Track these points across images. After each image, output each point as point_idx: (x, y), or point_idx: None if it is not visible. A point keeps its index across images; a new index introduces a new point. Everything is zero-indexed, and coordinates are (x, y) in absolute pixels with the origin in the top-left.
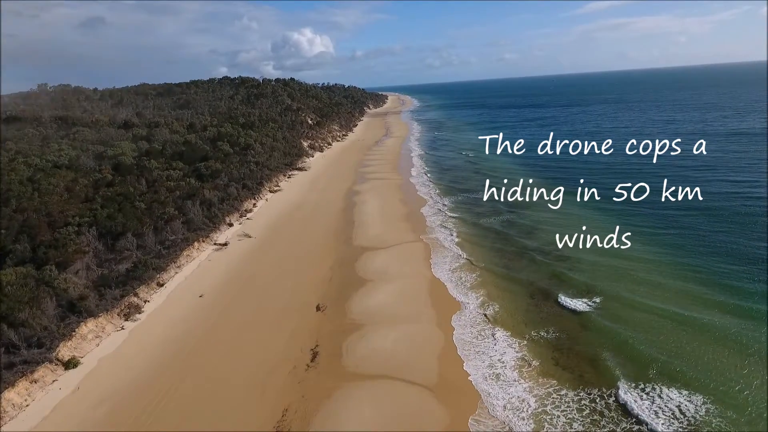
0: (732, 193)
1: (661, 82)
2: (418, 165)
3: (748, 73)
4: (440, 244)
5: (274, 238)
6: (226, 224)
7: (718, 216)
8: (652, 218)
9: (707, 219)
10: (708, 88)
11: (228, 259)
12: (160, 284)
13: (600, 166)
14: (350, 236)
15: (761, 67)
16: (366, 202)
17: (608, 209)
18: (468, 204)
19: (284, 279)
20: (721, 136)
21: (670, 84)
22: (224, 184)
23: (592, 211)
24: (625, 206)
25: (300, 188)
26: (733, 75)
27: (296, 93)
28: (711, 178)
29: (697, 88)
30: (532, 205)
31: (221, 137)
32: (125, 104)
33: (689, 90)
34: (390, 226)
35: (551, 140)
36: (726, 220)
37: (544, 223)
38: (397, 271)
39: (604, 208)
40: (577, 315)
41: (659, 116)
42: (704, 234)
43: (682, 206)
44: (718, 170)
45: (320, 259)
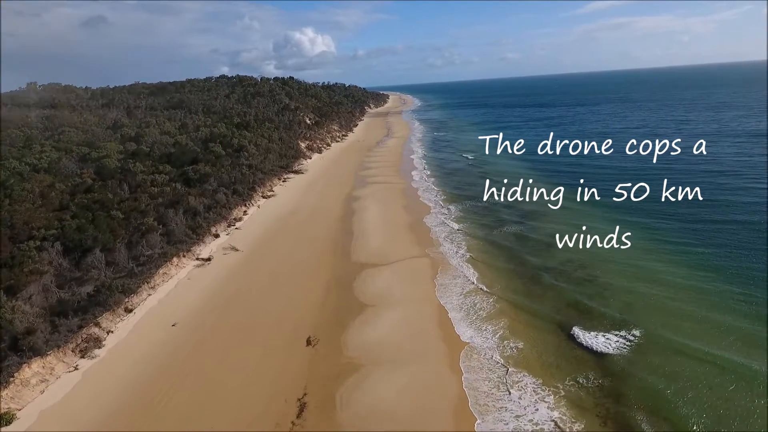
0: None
1: (667, 81)
2: (421, 168)
3: (752, 72)
4: (448, 260)
5: (263, 252)
6: (212, 235)
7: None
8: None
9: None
10: (716, 87)
11: (210, 277)
12: (128, 310)
13: (616, 170)
14: (348, 249)
15: (762, 66)
16: (366, 209)
17: (637, 223)
18: (475, 212)
19: (271, 302)
20: (741, 137)
21: (677, 83)
22: (213, 190)
23: (619, 224)
24: (664, 220)
25: (295, 193)
26: (739, 74)
27: (295, 92)
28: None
29: (705, 87)
30: (546, 215)
31: (213, 138)
32: (116, 104)
33: (697, 89)
34: (392, 237)
35: (561, 142)
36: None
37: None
38: (400, 293)
39: (631, 221)
40: (616, 356)
41: (671, 116)
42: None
43: (725, 219)
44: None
45: (314, 278)
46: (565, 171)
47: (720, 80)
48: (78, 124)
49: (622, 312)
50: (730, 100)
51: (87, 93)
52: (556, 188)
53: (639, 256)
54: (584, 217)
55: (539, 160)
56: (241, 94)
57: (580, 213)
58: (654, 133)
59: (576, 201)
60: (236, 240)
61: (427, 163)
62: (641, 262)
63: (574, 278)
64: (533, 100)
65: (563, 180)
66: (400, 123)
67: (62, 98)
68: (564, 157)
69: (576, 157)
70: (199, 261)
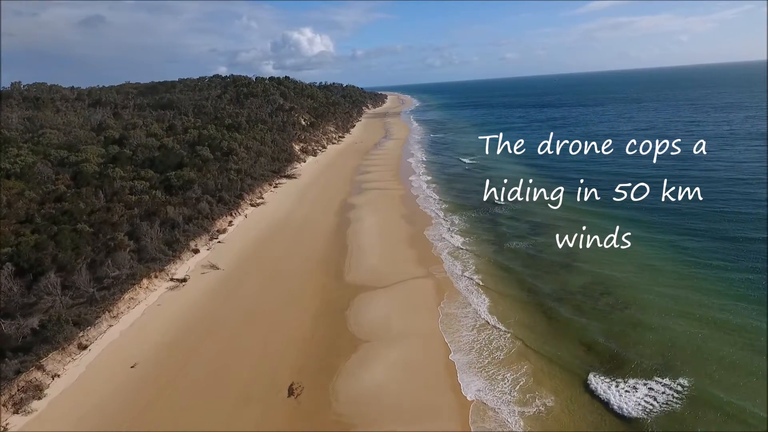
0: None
1: (669, 81)
2: (421, 172)
3: (753, 72)
4: (453, 283)
5: (246, 270)
6: (191, 251)
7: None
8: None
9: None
10: (720, 86)
11: (183, 303)
12: (81, 347)
13: (633, 174)
14: (342, 267)
15: (762, 66)
16: (362, 219)
17: (667, 241)
18: (479, 223)
19: (251, 336)
20: (758, 140)
21: (679, 83)
22: (196, 198)
23: (647, 242)
24: (692, 236)
25: (286, 200)
26: (740, 74)
27: (290, 92)
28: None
29: (709, 86)
30: (557, 227)
31: (202, 141)
32: (103, 104)
33: (701, 89)
34: (391, 253)
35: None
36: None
37: (578, 255)
38: (400, 325)
39: (661, 238)
40: (658, 417)
41: (678, 116)
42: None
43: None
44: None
45: (302, 304)
46: (573, 176)
47: (722, 80)
48: (60, 125)
49: (660, 356)
50: (737, 101)
51: (73, 93)
52: (566, 195)
53: (670, 281)
54: (597, 228)
55: (545, 165)
56: (234, 94)
57: (593, 224)
58: (664, 135)
59: (589, 211)
60: (218, 256)
61: (426, 167)
62: (673, 290)
63: (598, 309)
64: (534, 100)
65: (573, 187)
66: (398, 124)
67: (47, 98)
68: (571, 161)
69: (584, 160)
70: (174, 282)
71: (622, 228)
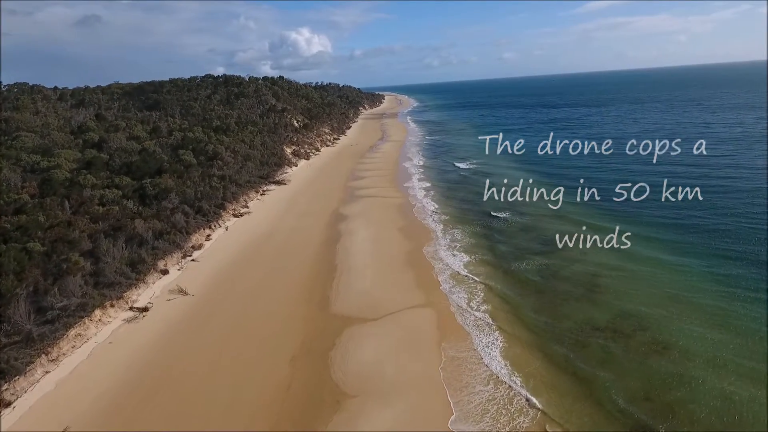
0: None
1: (670, 81)
2: (419, 178)
3: (754, 72)
4: (456, 316)
5: (219, 297)
6: (159, 272)
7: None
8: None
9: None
10: (724, 87)
11: (138, 340)
12: (5, 403)
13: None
14: (329, 293)
15: (762, 66)
16: (355, 233)
17: (701, 268)
18: (485, 239)
19: (215, 388)
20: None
21: (680, 83)
22: (171, 209)
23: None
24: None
25: (273, 210)
26: (741, 74)
27: (284, 92)
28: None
29: (712, 87)
30: (572, 245)
31: (185, 144)
32: (87, 105)
33: (705, 89)
34: (385, 275)
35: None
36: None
37: (599, 278)
38: (395, 374)
39: (693, 264)
40: None
41: (687, 117)
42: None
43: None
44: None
45: (279, 342)
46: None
47: (724, 80)
48: (37, 128)
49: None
50: (746, 101)
51: (56, 93)
52: (576, 205)
53: (709, 318)
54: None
55: (551, 172)
56: (224, 94)
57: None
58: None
59: (605, 227)
60: (189, 278)
61: (424, 171)
62: (714, 332)
63: (632, 356)
64: (534, 100)
65: (582, 196)
66: (396, 125)
67: (26, 100)
68: (577, 167)
69: (593, 166)
70: (133, 311)
71: (648, 246)
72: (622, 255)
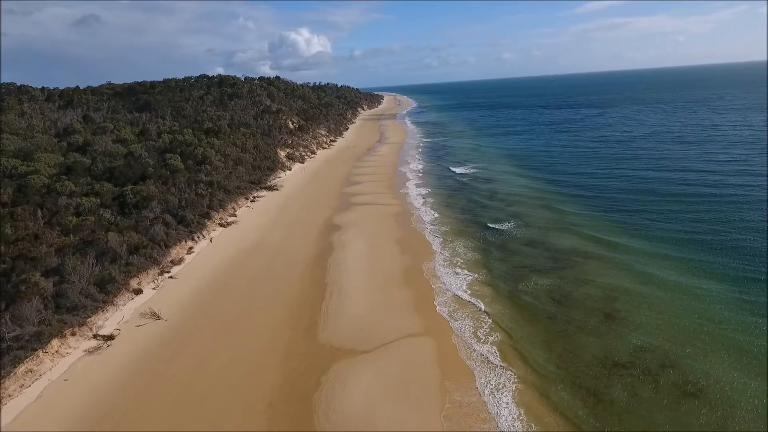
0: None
1: (671, 82)
2: (417, 184)
3: (754, 72)
4: (458, 349)
5: (195, 321)
6: (131, 291)
7: None
8: None
9: None
10: (726, 87)
11: (99, 377)
12: None
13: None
14: (316, 318)
15: (762, 67)
16: (348, 246)
17: (728, 292)
18: (489, 252)
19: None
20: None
21: (682, 84)
22: (151, 219)
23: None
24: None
25: (262, 219)
26: (742, 74)
27: (281, 93)
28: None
29: (715, 87)
30: (587, 258)
31: (173, 147)
32: (75, 106)
33: (708, 90)
34: (380, 296)
35: (579, 150)
36: None
37: (616, 299)
38: (392, 424)
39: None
40: None
41: (692, 119)
42: None
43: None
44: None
45: (257, 381)
46: (590, 192)
47: (726, 81)
48: (21, 130)
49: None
50: (751, 102)
51: (44, 94)
52: (585, 215)
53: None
54: (631, 259)
55: (557, 180)
56: (218, 95)
57: (625, 253)
58: (683, 140)
59: (618, 243)
60: (164, 298)
61: (423, 176)
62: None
63: (663, 401)
64: (534, 101)
65: (591, 204)
66: (394, 126)
67: (12, 100)
68: (584, 174)
69: (600, 172)
70: (97, 340)
71: (666, 266)
72: (637, 276)
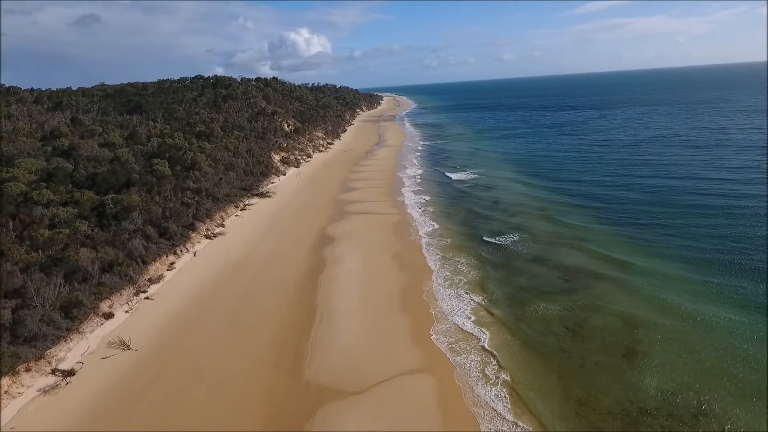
0: None
1: (673, 83)
2: (416, 191)
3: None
4: (465, 392)
5: (168, 353)
6: (100, 316)
7: None
8: None
9: None
10: (730, 88)
11: (52, 423)
12: None
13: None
14: (303, 349)
15: (762, 67)
16: (342, 262)
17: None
18: (494, 272)
19: None
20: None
21: (684, 85)
22: (131, 232)
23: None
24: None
25: (252, 230)
26: (745, 75)
27: (278, 94)
28: None
29: (718, 88)
30: (596, 280)
31: (161, 152)
32: (65, 108)
33: (711, 91)
34: (375, 321)
35: (585, 155)
36: None
37: (635, 335)
38: None
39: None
40: None
41: (698, 121)
42: None
43: None
44: None
45: (233, 427)
46: (599, 203)
47: (728, 82)
48: (5, 133)
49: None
50: (757, 104)
51: (32, 96)
52: (596, 227)
53: None
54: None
55: (564, 188)
56: (212, 97)
57: (642, 272)
58: (694, 145)
59: (628, 254)
60: (138, 323)
61: (422, 183)
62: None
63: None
64: (535, 102)
65: (602, 215)
66: (393, 128)
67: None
68: (592, 182)
69: (607, 180)
70: (56, 375)
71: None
72: (656, 302)
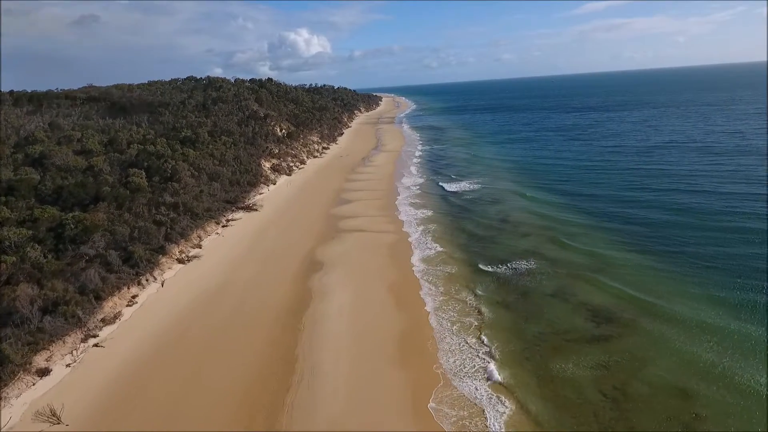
0: None
1: (676, 83)
2: (416, 204)
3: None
4: None
5: (106, 424)
6: (33, 373)
7: None
8: None
9: None
10: (735, 89)
11: None
12: None
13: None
14: (277, 419)
15: (762, 67)
16: (330, 295)
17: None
18: (507, 312)
19: None
20: None
21: (688, 85)
22: (90, 257)
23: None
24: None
25: (232, 251)
26: (748, 76)
27: (273, 96)
28: None
29: (724, 89)
30: (630, 322)
31: (140, 161)
32: (45, 111)
33: (718, 92)
34: (367, 381)
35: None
36: None
37: (692, 407)
38: None
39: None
40: None
41: (711, 124)
42: None
43: None
44: None
45: None
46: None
47: (732, 83)
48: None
49: None
50: None
51: (12, 98)
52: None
53: None
54: (711, 337)
55: (579, 205)
56: (201, 99)
57: (694, 325)
58: (711, 151)
59: (667, 292)
60: (78, 382)
61: (423, 194)
62: None
63: None
64: (537, 103)
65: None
66: (392, 131)
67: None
68: (608, 198)
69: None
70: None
71: (754, 350)
72: (709, 363)
